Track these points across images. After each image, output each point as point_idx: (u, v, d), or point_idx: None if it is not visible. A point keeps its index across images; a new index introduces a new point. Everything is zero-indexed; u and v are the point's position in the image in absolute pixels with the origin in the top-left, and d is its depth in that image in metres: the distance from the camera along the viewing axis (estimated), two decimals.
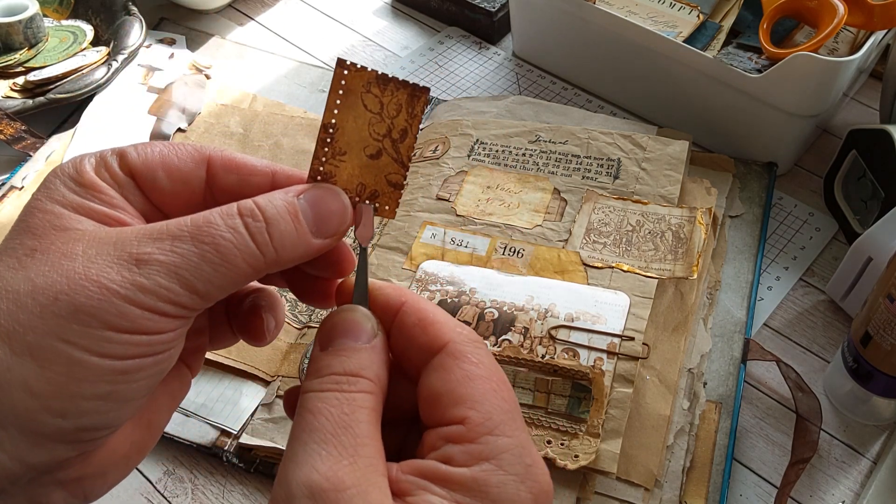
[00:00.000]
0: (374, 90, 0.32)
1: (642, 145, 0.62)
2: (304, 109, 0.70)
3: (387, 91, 0.32)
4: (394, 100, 0.33)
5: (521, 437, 0.26)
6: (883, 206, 0.56)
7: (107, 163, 0.28)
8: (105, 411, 0.25)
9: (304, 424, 0.25)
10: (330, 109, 0.31)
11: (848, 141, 0.61)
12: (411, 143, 0.33)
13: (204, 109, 0.68)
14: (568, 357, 0.49)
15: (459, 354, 0.27)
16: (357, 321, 0.28)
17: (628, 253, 0.56)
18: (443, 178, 0.62)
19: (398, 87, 0.32)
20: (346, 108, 0.32)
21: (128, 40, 0.70)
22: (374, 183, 0.32)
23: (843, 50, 0.64)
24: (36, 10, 0.71)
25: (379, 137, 0.33)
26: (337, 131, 0.32)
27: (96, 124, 0.66)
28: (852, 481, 0.49)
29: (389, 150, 0.33)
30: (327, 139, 0.32)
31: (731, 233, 0.61)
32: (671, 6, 0.69)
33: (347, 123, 0.32)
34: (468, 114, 0.68)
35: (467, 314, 0.52)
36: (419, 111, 0.33)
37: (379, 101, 0.32)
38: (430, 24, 0.82)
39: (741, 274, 0.58)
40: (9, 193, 0.61)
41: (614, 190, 0.60)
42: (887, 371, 0.48)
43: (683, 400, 0.50)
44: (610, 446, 0.46)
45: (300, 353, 0.52)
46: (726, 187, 0.62)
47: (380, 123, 0.32)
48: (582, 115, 0.67)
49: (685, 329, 0.52)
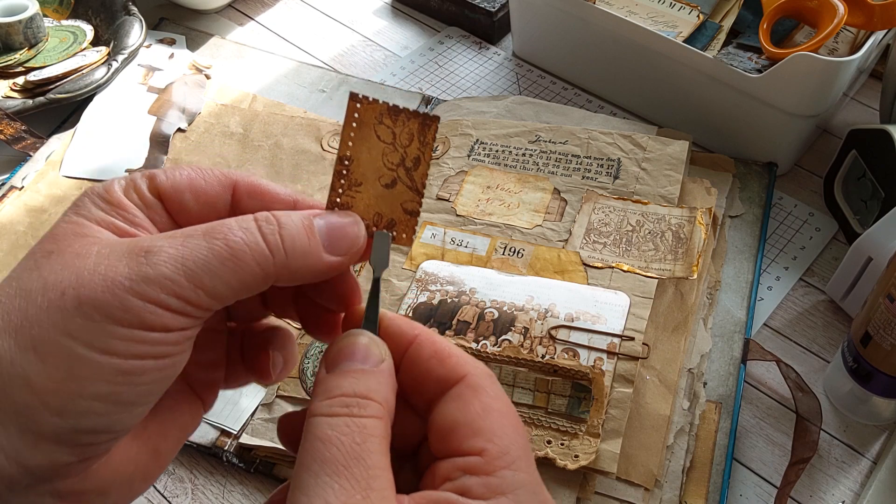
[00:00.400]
0: (386, 121, 0.33)
1: (642, 145, 0.62)
2: (304, 109, 0.70)
3: (398, 121, 0.33)
4: (405, 129, 0.34)
5: (535, 475, 0.26)
6: (883, 206, 0.56)
7: (136, 184, 0.28)
8: (104, 413, 0.24)
9: (314, 453, 0.25)
10: (345, 142, 0.32)
11: (848, 141, 0.61)
12: (425, 170, 0.34)
13: (204, 109, 0.68)
14: (568, 357, 0.49)
15: (478, 387, 0.27)
16: (366, 344, 0.28)
17: (628, 253, 0.56)
18: (443, 178, 0.62)
19: (409, 117, 0.33)
20: (360, 140, 0.33)
21: (128, 40, 0.70)
22: (391, 212, 0.33)
23: (843, 50, 0.64)
24: (36, 10, 0.71)
25: (393, 167, 0.33)
26: (352, 163, 0.33)
27: (96, 124, 0.66)
28: (852, 481, 0.49)
29: (404, 178, 0.34)
30: (343, 171, 0.33)
31: (731, 233, 0.61)
32: (671, 6, 0.69)
33: (362, 155, 0.33)
34: (468, 114, 0.68)
35: (467, 314, 0.52)
36: (430, 139, 0.34)
37: (391, 131, 0.33)
38: (430, 24, 0.82)
39: (741, 274, 0.58)
40: (9, 193, 0.61)
41: (614, 190, 0.60)
42: (887, 371, 0.48)
43: (683, 400, 0.50)
44: (610, 446, 0.46)
45: (300, 353, 0.52)
46: (726, 187, 0.62)
47: (393, 153, 0.33)
48: (582, 115, 0.67)
49: (685, 329, 0.52)
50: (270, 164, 0.64)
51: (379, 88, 0.73)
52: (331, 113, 0.70)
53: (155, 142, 0.65)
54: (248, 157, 0.65)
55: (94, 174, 0.62)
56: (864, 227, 0.58)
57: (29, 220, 0.59)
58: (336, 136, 0.67)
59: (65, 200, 0.60)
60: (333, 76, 0.74)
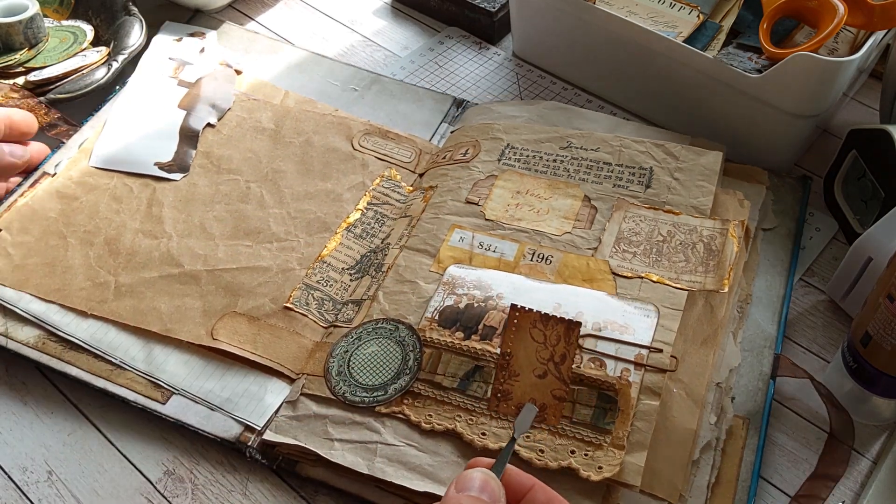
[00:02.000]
0: (538, 326, 0.43)
1: (675, 155, 0.61)
2: (336, 108, 0.70)
3: (548, 326, 0.43)
4: (554, 332, 0.44)
5: None
6: (883, 206, 0.57)
7: None
8: None
9: None
10: (506, 342, 0.43)
11: (848, 141, 0.61)
12: (569, 364, 0.43)
13: (235, 104, 0.68)
14: (595, 367, 0.49)
15: None
16: (491, 485, 0.36)
17: (658, 263, 0.55)
18: (472, 182, 0.61)
19: (557, 323, 0.43)
20: (517, 341, 0.43)
21: (128, 40, 0.70)
22: (542, 397, 0.42)
23: (843, 50, 0.64)
24: (36, 10, 0.70)
25: (544, 361, 0.42)
26: (511, 358, 0.42)
27: (126, 117, 0.66)
28: (852, 481, 0.49)
29: (553, 371, 0.43)
30: (504, 364, 0.43)
31: (763, 246, 0.60)
32: (671, 6, 0.69)
33: (519, 352, 0.42)
34: (499, 118, 0.68)
35: (493, 319, 0.51)
36: (575, 339, 0.43)
37: (542, 333, 0.43)
38: (430, 24, 0.82)
39: (772, 288, 0.57)
40: (41, 179, 0.61)
41: (646, 199, 0.59)
42: (887, 371, 0.48)
43: (710, 414, 0.49)
44: (634, 459, 0.46)
45: (325, 351, 0.52)
46: (759, 199, 0.62)
47: (544, 350, 0.43)
48: (614, 123, 0.66)
49: (714, 342, 0.51)
50: (301, 160, 0.64)
51: (411, 89, 0.73)
52: (362, 112, 0.70)
53: (184, 136, 0.65)
54: (279, 153, 0.65)
55: (122, 166, 0.62)
56: (864, 227, 0.58)
57: (60, 207, 0.59)
58: (367, 136, 0.67)
59: (95, 189, 0.60)
60: (366, 75, 0.74)
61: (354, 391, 0.50)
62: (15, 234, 0.57)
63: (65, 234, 0.57)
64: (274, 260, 0.57)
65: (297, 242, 0.58)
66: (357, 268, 0.57)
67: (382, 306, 0.54)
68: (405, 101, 0.72)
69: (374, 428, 0.48)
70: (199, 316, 0.53)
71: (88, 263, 0.56)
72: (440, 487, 0.45)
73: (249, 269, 0.56)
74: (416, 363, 0.50)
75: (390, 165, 0.65)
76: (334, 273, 0.57)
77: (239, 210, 0.60)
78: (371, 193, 0.62)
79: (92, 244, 0.57)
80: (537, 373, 0.40)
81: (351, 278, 0.57)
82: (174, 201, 0.60)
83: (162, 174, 0.62)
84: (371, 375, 0.50)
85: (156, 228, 0.58)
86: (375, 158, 0.65)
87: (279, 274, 0.56)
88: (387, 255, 0.57)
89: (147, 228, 0.58)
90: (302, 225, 0.60)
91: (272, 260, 0.57)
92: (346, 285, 0.56)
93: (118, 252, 0.56)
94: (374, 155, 0.65)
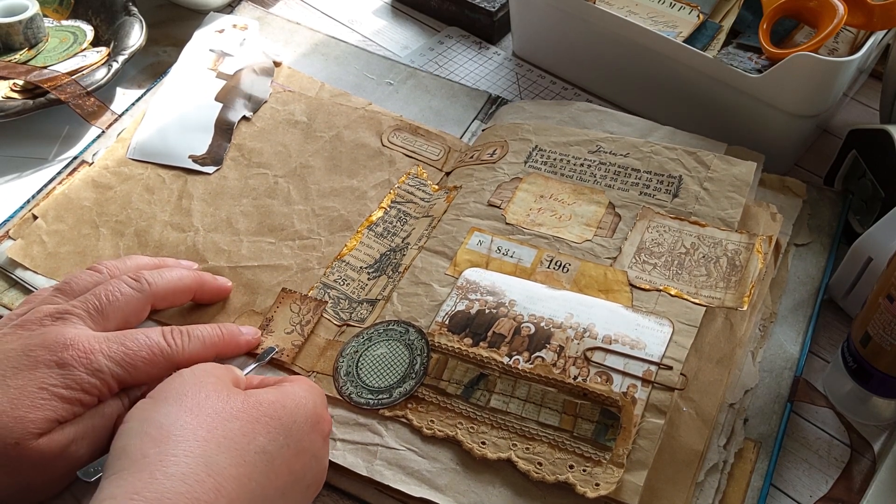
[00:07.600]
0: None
1: (707, 164, 0.59)
2: (370, 101, 0.70)
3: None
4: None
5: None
6: (883, 206, 0.56)
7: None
8: None
9: None
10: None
11: (848, 141, 0.61)
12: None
13: (271, 95, 0.69)
14: (601, 381, 0.48)
15: None
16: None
17: (678, 276, 0.54)
18: (497, 184, 0.61)
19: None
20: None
21: (128, 41, 0.71)
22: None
23: (843, 50, 0.63)
24: (36, 10, 0.71)
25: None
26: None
27: (164, 109, 0.67)
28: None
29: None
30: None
31: (794, 262, 0.58)
32: (671, 6, 0.68)
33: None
34: (531, 117, 0.67)
35: (503, 327, 0.51)
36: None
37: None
38: (430, 24, 0.82)
39: (800, 307, 0.55)
40: (80, 168, 0.63)
41: (672, 209, 0.58)
42: (887, 371, 0.47)
43: (720, 436, 0.48)
44: (634, 477, 0.45)
45: (336, 350, 0.53)
46: (794, 213, 0.59)
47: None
48: (648, 127, 0.64)
49: (731, 362, 0.50)
50: (330, 156, 0.65)
51: (446, 84, 0.72)
52: (395, 107, 0.70)
53: (220, 129, 0.66)
54: (308, 147, 0.66)
55: (158, 158, 0.64)
56: (864, 227, 0.58)
57: (95, 196, 0.61)
58: (397, 132, 0.67)
59: (130, 179, 0.62)
60: (402, 69, 0.74)
61: (360, 392, 0.50)
62: (50, 222, 0.59)
63: (97, 223, 0.59)
64: (294, 259, 0.58)
65: (318, 241, 0.59)
66: (375, 267, 0.58)
67: (395, 308, 0.54)
68: (439, 96, 0.71)
69: (377, 430, 0.49)
70: (217, 312, 0.55)
71: (118, 254, 0.57)
72: (437, 494, 0.46)
73: (270, 268, 0.57)
74: (423, 368, 0.50)
75: (418, 163, 0.65)
76: (352, 272, 0.57)
77: (265, 205, 0.61)
78: (396, 191, 0.63)
79: (122, 234, 0.59)
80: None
81: (368, 277, 0.57)
82: (203, 194, 0.62)
83: (196, 167, 0.64)
84: (378, 377, 0.51)
85: (184, 221, 0.60)
86: (403, 155, 0.65)
87: (298, 273, 0.57)
88: (405, 256, 0.58)
89: (175, 221, 0.60)
90: (325, 223, 0.60)
91: (293, 258, 0.58)
92: (364, 284, 0.57)
93: (147, 244, 0.58)
94: (402, 151, 0.65)
